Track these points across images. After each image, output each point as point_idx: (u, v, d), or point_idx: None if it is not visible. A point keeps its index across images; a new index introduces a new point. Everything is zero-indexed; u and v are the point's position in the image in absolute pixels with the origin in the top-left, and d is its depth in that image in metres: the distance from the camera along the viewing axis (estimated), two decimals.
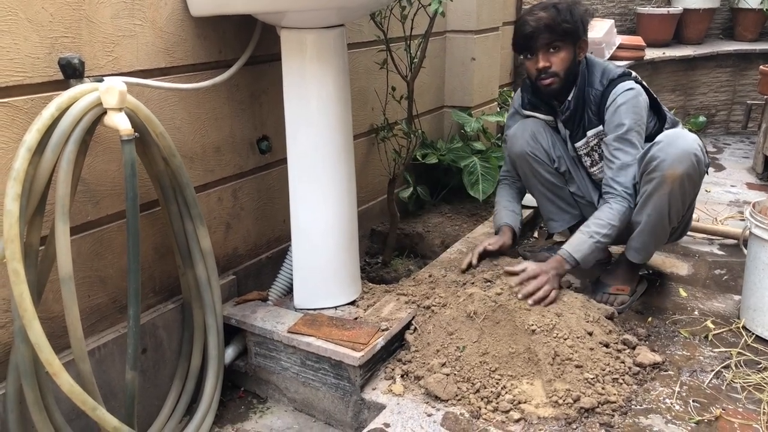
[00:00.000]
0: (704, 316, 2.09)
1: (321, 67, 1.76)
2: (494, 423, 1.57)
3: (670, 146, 1.91)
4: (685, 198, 1.98)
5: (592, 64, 2.10)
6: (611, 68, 2.09)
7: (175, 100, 1.72)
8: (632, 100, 2.00)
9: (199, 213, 1.68)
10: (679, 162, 1.89)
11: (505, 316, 1.79)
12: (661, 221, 1.99)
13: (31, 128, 1.30)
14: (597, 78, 2.06)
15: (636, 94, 2.01)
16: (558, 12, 1.96)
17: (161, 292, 1.78)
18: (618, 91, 2.01)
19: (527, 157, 2.22)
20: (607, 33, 4.00)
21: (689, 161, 1.90)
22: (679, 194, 1.94)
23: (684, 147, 1.90)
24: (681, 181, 1.91)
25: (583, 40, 2.04)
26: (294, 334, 1.76)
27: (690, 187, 1.95)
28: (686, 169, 1.90)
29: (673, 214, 1.99)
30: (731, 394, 1.70)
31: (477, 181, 2.69)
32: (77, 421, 1.52)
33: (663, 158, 1.90)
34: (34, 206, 1.33)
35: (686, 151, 1.90)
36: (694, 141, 1.92)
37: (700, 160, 1.93)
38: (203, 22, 1.75)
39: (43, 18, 1.39)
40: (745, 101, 4.49)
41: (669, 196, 1.93)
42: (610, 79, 2.05)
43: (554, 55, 2.00)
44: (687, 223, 2.19)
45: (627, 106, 2.00)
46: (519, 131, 2.24)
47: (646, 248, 2.09)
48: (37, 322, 1.26)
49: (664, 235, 2.06)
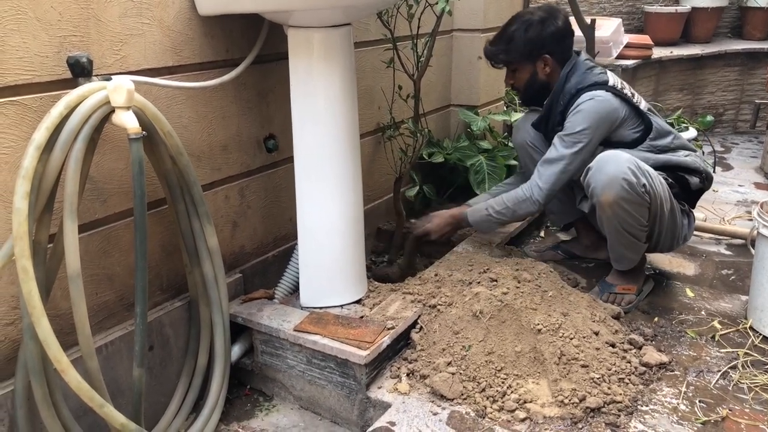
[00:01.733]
0: (711, 317, 2.08)
1: (328, 66, 1.76)
2: (500, 422, 1.57)
3: (599, 172, 1.94)
4: (633, 215, 1.96)
5: (574, 72, 2.14)
6: (589, 77, 2.11)
7: (183, 99, 1.73)
8: (589, 110, 2.04)
9: (206, 211, 1.69)
10: (609, 188, 1.92)
11: (510, 316, 1.79)
12: (622, 236, 2.02)
13: (40, 126, 1.31)
14: (570, 85, 2.12)
15: (596, 105, 2.03)
16: (498, 44, 2.19)
17: (168, 290, 1.79)
18: (581, 100, 2.06)
19: (527, 146, 2.35)
20: (614, 32, 3.99)
21: (618, 186, 1.90)
22: (623, 215, 1.95)
23: (612, 173, 1.91)
24: (617, 205, 1.93)
25: (542, 58, 2.15)
26: (300, 333, 1.76)
27: (631, 207, 1.94)
28: (617, 194, 1.91)
29: (630, 228, 1.99)
30: (738, 395, 1.70)
31: (483, 180, 2.68)
32: (85, 417, 1.53)
33: (594, 185, 1.95)
34: (43, 204, 1.34)
35: (614, 177, 1.91)
36: (624, 164, 1.90)
37: (632, 182, 1.90)
38: (211, 21, 1.75)
39: (51, 17, 1.40)
40: (753, 100, 4.47)
41: (614, 218, 1.97)
42: (578, 87, 2.09)
43: (514, 75, 2.23)
44: (673, 232, 2.12)
45: (581, 114, 2.05)
46: (522, 122, 2.39)
47: (624, 257, 2.11)
48: (45, 319, 1.27)
49: (635, 243, 2.05)
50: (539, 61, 2.16)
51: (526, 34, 2.12)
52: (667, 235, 2.11)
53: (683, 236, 2.17)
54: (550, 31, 2.12)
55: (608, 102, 2.04)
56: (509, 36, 2.15)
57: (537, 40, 2.12)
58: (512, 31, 2.15)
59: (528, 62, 2.17)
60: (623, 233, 2.00)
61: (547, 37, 2.12)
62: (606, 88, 2.06)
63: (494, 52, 2.20)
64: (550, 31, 2.12)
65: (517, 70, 2.21)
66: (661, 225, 2.06)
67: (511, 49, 2.15)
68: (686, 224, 2.17)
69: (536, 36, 2.12)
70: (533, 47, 2.13)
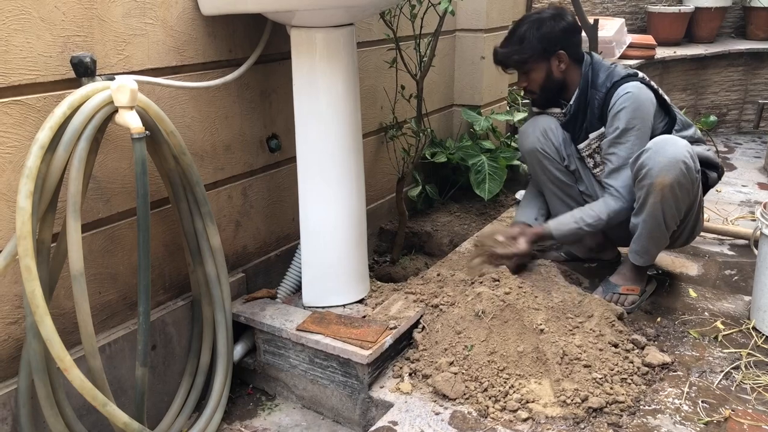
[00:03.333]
0: (714, 317, 2.08)
1: (331, 66, 1.76)
2: (502, 422, 1.57)
3: (657, 154, 1.91)
4: (679, 204, 1.96)
5: (599, 66, 2.11)
6: (617, 70, 2.10)
7: (186, 99, 1.73)
8: (632, 103, 2.00)
9: (209, 211, 1.69)
10: (668, 170, 1.89)
11: (513, 316, 1.79)
12: (658, 226, 1.99)
13: (44, 126, 1.31)
14: (601, 80, 2.09)
15: (637, 95, 2.01)
16: (510, 45, 2.12)
17: (171, 289, 1.79)
18: (620, 93, 2.03)
19: (537, 153, 2.25)
20: (617, 32, 3.99)
21: (677, 169, 1.88)
22: (671, 201, 1.93)
23: (672, 155, 1.89)
24: (671, 188, 1.90)
25: (556, 55, 2.10)
26: (302, 332, 1.77)
27: (682, 193, 1.93)
28: (675, 177, 1.89)
29: (669, 219, 1.98)
30: (741, 395, 1.69)
31: (484, 180, 2.68)
32: (88, 416, 1.54)
33: (651, 166, 1.91)
34: (47, 203, 1.35)
35: (674, 159, 1.88)
36: (683, 148, 1.90)
37: (690, 167, 1.90)
38: (214, 21, 1.76)
39: (55, 17, 1.40)
40: (756, 100, 4.46)
41: (661, 204, 1.93)
42: (614, 81, 2.06)
43: (528, 76, 2.15)
44: (693, 227, 2.14)
45: (626, 109, 2.01)
46: (530, 127, 2.29)
47: (647, 251, 2.09)
48: (48, 318, 1.27)
49: (663, 238, 2.05)
50: (554, 58, 2.10)
51: (539, 31, 2.08)
52: (686, 229, 2.11)
53: (696, 232, 2.20)
54: (562, 26, 2.09)
55: (645, 92, 2.02)
56: (521, 36, 2.10)
57: (551, 36, 2.08)
58: (524, 30, 2.09)
59: (542, 61, 2.10)
60: (660, 222, 1.97)
61: (560, 32, 2.09)
62: (638, 79, 2.05)
63: (507, 53, 2.13)
64: (561, 26, 2.09)
65: (531, 71, 2.13)
66: (690, 217, 2.06)
67: (525, 48, 2.08)
68: (701, 220, 2.18)
69: (549, 32, 2.08)
70: (548, 44, 2.08)
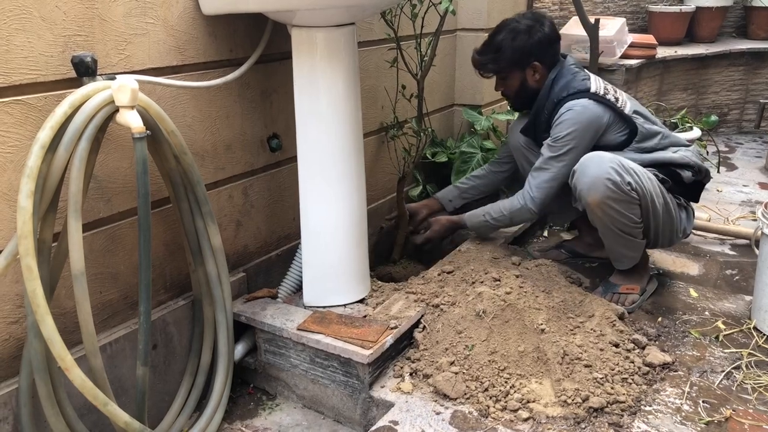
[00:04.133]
0: (715, 317, 2.08)
1: (331, 66, 1.76)
2: (503, 422, 1.57)
3: (582, 175, 1.96)
4: (624, 215, 1.97)
5: (560, 78, 2.15)
6: (573, 84, 2.12)
7: (187, 98, 1.73)
8: (572, 118, 2.06)
9: (209, 210, 1.69)
10: (593, 189, 1.93)
11: (514, 315, 1.79)
12: (617, 236, 2.03)
13: (45, 126, 1.31)
14: (555, 92, 2.13)
15: (580, 113, 2.05)
16: (486, 53, 2.20)
17: (172, 289, 1.79)
18: (564, 109, 2.08)
19: (521, 148, 2.37)
20: (618, 31, 3.98)
21: (603, 186, 1.91)
22: (613, 214, 1.96)
23: (594, 174, 1.93)
24: (605, 205, 1.94)
25: (531, 66, 2.16)
26: (303, 332, 1.77)
27: (620, 206, 1.95)
28: (603, 194, 1.92)
29: (623, 228, 2.00)
30: (742, 395, 1.69)
31: (467, 171, 2.69)
32: (89, 415, 1.54)
33: (580, 188, 1.97)
34: (47, 203, 1.35)
35: (597, 178, 1.92)
36: (606, 164, 1.92)
37: (616, 180, 1.91)
38: (214, 21, 1.76)
39: (56, 16, 1.40)
40: (758, 100, 4.45)
41: (605, 218, 1.98)
42: (561, 97, 2.10)
43: (504, 82, 2.25)
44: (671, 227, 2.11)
45: (565, 123, 2.07)
46: (515, 123, 2.42)
47: (624, 255, 2.12)
48: (49, 317, 1.27)
49: (631, 242, 2.06)
50: (529, 68, 2.17)
51: (513, 42, 2.13)
52: (665, 229, 2.10)
53: (682, 230, 2.17)
54: (537, 38, 2.13)
55: (590, 110, 2.06)
56: (497, 45, 2.16)
57: (525, 49, 2.13)
58: (499, 40, 2.16)
59: (517, 70, 2.18)
60: (617, 232, 2.01)
61: (535, 44, 2.13)
62: (588, 95, 2.07)
63: (482, 62, 2.22)
64: (537, 38, 2.13)
65: (506, 78, 2.22)
66: (656, 220, 2.05)
67: (500, 59, 2.16)
68: (684, 217, 2.16)
69: (523, 44, 2.13)
70: (521, 55, 2.14)
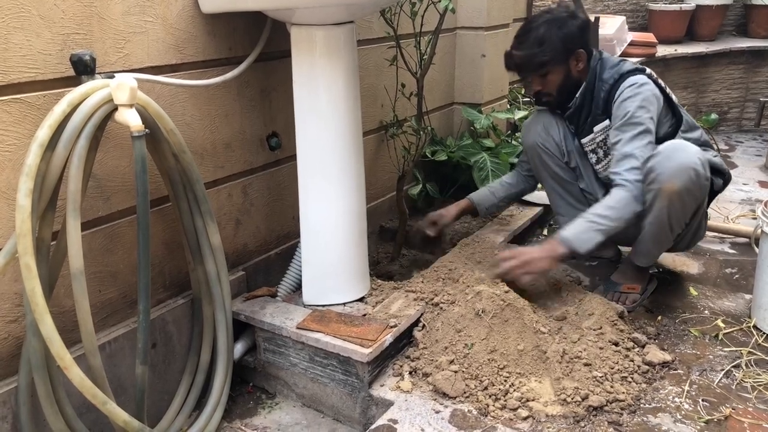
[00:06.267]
0: (715, 315, 2.07)
1: (331, 64, 1.76)
2: (502, 420, 1.56)
3: (668, 160, 1.88)
4: (686, 209, 1.95)
5: (606, 61, 2.10)
6: (624, 65, 2.09)
7: (186, 97, 1.73)
8: (638, 94, 1.98)
9: (209, 209, 1.69)
10: (677, 177, 1.87)
11: (513, 314, 1.79)
12: (662, 230, 1.99)
13: (43, 124, 1.31)
14: (608, 74, 2.07)
15: (643, 87, 1.99)
16: (529, 48, 2.03)
17: (171, 288, 1.79)
18: (625, 85, 2.01)
19: (537, 148, 2.27)
20: (618, 30, 3.98)
21: (686, 176, 1.87)
22: (678, 206, 1.92)
23: (682, 161, 1.87)
24: (679, 195, 1.89)
25: (575, 54, 2.06)
26: (303, 330, 1.77)
27: (690, 199, 1.92)
28: (684, 184, 1.87)
29: (675, 223, 1.97)
30: (741, 394, 1.69)
31: (487, 176, 2.69)
32: (88, 414, 1.54)
33: (660, 171, 1.88)
34: (46, 202, 1.34)
35: (684, 166, 1.87)
36: (694, 155, 1.88)
37: (700, 173, 1.88)
38: (213, 19, 1.75)
39: (55, 15, 1.40)
40: (758, 98, 4.44)
41: (668, 209, 1.92)
42: (620, 73, 2.04)
43: (545, 79, 2.10)
44: (695, 233, 2.14)
45: (632, 98, 1.98)
46: (532, 122, 2.31)
47: (650, 253, 2.10)
48: (48, 316, 1.27)
49: (667, 241, 2.05)
50: (572, 58, 2.06)
51: (561, 30, 2.02)
52: (689, 233, 2.10)
53: (699, 236, 2.18)
54: (579, 24, 2.06)
55: (652, 86, 2.01)
56: (539, 37, 2.02)
57: (572, 35, 2.04)
58: (543, 32, 2.02)
59: (562, 62, 2.06)
60: (668, 226, 1.96)
61: (578, 31, 2.06)
62: (647, 74, 2.04)
63: (527, 56, 2.04)
64: (578, 24, 2.06)
65: (549, 74, 2.08)
66: (694, 222, 2.05)
67: (546, 50, 2.02)
68: (704, 226, 2.18)
69: (570, 32, 2.03)
70: (570, 44, 2.04)
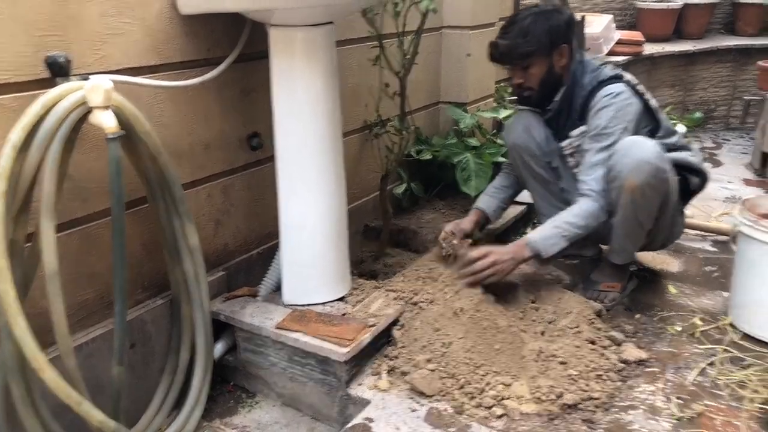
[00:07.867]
0: (692, 313, 2.09)
1: (309, 65, 1.77)
2: (477, 419, 1.58)
3: (625, 156, 1.90)
4: (650, 204, 1.95)
5: (586, 66, 2.11)
6: (604, 70, 2.09)
7: (165, 98, 1.73)
8: (613, 104, 1.99)
9: (186, 210, 1.69)
10: (635, 173, 1.89)
11: (490, 314, 1.80)
12: (631, 226, 2.00)
13: (17, 127, 1.31)
14: (587, 79, 2.08)
15: (621, 97, 2.00)
16: (513, 38, 2.03)
17: (150, 288, 1.80)
18: (602, 94, 2.02)
19: (519, 149, 2.27)
20: (605, 28, 3.99)
21: (645, 171, 1.88)
22: (641, 202, 1.93)
23: (638, 157, 1.89)
24: (641, 190, 1.90)
25: (559, 48, 2.05)
26: (282, 330, 1.78)
27: (652, 193, 1.93)
28: (644, 179, 1.89)
29: (642, 218, 1.98)
30: (714, 391, 1.71)
31: (470, 177, 2.69)
32: (65, 415, 1.54)
33: (620, 169, 1.91)
34: (20, 204, 1.35)
35: (641, 161, 1.88)
36: (650, 149, 1.90)
37: (658, 167, 1.89)
38: (192, 20, 1.76)
39: (29, 16, 1.40)
40: (744, 96, 4.47)
41: (632, 204, 1.94)
42: (599, 80, 2.05)
43: (526, 72, 2.08)
44: (669, 230, 2.14)
45: (608, 108, 2.00)
46: (515, 122, 2.31)
47: (624, 250, 2.11)
48: (21, 318, 1.28)
49: (639, 236, 2.06)
50: (556, 53, 2.05)
51: (547, 22, 2.02)
52: (663, 231, 2.11)
53: (675, 234, 2.19)
54: (565, 19, 2.06)
55: (629, 94, 2.02)
56: (524, 28, 2.02)
57: (558, 28, 2.04)
58: (528, 23, 2.02)
59: (546, 55, 2.04)
60: (635, 222, 1.98)
61: (564, 24, 2.06)
62: (623, 81, 2.05)
63: (511, 46, 2.03)
64: (564, 19, 2.06)
65: (530, 66, 2.06)
66: (663, 219, 2.05)
67: (531, 41, 2.01)
68: (679, 223, 2.18)
69: (556, 24, 2.04)
70: (555, 37, 2.03)
